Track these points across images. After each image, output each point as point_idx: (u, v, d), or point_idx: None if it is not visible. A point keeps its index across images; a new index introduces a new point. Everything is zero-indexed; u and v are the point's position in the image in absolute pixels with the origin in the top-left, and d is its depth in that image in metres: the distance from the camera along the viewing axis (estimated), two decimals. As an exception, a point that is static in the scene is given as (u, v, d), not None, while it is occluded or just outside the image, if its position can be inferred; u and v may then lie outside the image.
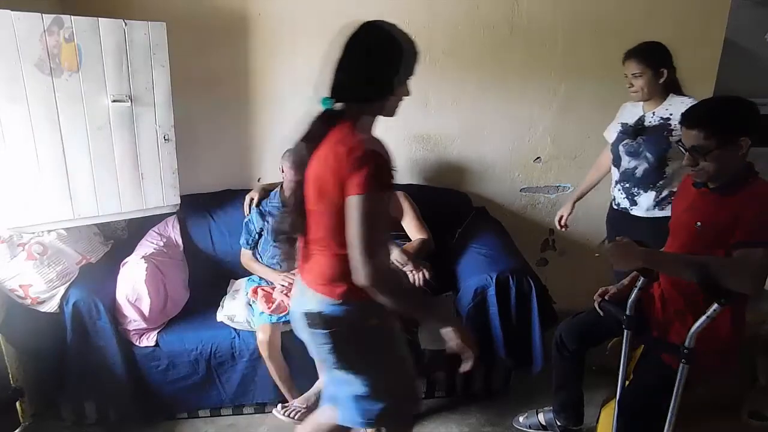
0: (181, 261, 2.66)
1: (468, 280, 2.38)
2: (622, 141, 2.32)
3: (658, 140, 2.19)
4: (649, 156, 2.22)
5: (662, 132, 2.19)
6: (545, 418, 2.26)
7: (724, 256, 1.53)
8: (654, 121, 2.23)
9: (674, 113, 2.14)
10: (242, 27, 2.69)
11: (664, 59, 2.18)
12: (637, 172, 2.27)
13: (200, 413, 2.42)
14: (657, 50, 2.18)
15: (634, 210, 2.31)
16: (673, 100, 2.20)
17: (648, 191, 2.25)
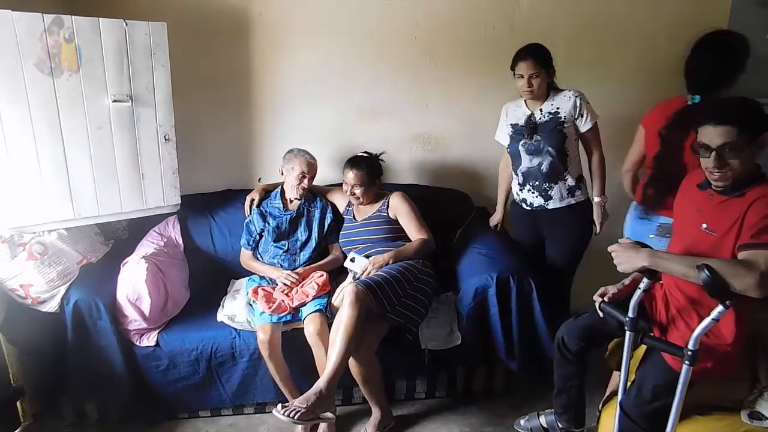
0: (182, 261, 2.66)
1: (468, 280, 2.38)
2: (520, 141, 2.42)
3: (555, 134, 2.33)
4: (551, 150, 2.34)
5: (555, 126, 2.33)
6: (546, 420, 2.26)
7: (729, 257, 1.53)
8: (545, 118, 2.36)
9: (561, 107, 2.34)
10: (243, 27, 2.70)
11: (551, 60, 2.33)
12: (542, 168, 2.38)
13: (200, 413, 2.43)
14: (546, 52, 2.32)
15: (550, 204, 2.43)
16: (556, 97, 2.37)
17: (557, 183, 2.40)
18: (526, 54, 2.29)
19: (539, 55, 2.30)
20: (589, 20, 2.80)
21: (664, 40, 2.81)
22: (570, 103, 2.33)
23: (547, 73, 2.32)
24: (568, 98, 2.34)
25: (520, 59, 2.30)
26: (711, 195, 1.63)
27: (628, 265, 1.57)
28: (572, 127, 2.36)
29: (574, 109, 2.33)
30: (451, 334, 2.37)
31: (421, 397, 2.53)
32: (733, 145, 1.50)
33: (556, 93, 2.38)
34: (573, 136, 2.38)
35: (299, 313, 2.31)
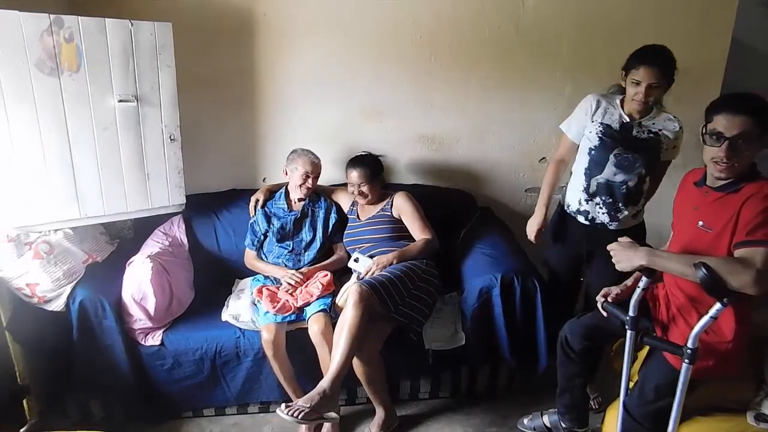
0: (187, 260, 2.67)
1: (473, 280, 2.38)
2: (614, 150, 2.13)
3: (653, 157, 2.13)
4: (643, 172, 2.14)
5: (655, 147, 2.11)
6: (550, 420, 2.26)
7: (726, 255, 1.52)
8: (643, 134, 2.12)
9: (663, 129, 2.11)
10: (247, 27, 2.70)
11: (674, 71, 2.02)
12: (625, 187, 2.15)
13: (205, 412, 2.43)
14: (675, 62, 2.01)
15: (613, 225, 2.20)
16: (659, 115, 2.13)
17: (630, 205, 2.18)
18: (655, 58, 1.96)
19: (667, 61, 1.98)
20: (594, 21, 2.80)
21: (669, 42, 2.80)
22: (673, 129, 2.11)
23: (668, 85, 2.02)
24: (673, 126, 2.11)
25: (645, 63, 1.96)
26: (707, 192, 1.63)
27: (626, 263, 1.57)
28: (663, 154, 2.15)
29: (674, 138, 2.11)
30: (455, 334, 2.37)
31: (425, 398, 2.53)
32: (748, 136, 1.49)
33: (660, 111, 2.14)
34: (658, 163, 2.20)
35: (303, 312, 2.32)
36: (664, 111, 2.15)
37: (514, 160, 3.02)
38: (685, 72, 2.24)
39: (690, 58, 2.22)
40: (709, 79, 2.83)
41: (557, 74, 2.87)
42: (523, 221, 3.10)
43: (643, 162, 2.11)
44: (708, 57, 2.84)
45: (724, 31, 2.83)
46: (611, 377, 2.11)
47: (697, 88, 2.32)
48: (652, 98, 2.03)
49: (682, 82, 2.29)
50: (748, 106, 1.50)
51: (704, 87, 2.73)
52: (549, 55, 2.84)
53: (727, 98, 1.56)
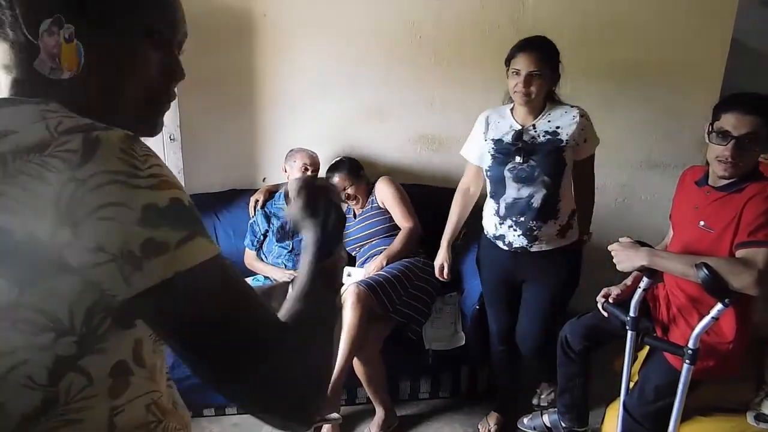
0: (187, 260, 2.66)
1: (473, 280, 2.38)
2: (507, 165, 1.91)
3: (554, 160, 1.86)
4: (547, 179, 1.87)
5: (555, 149, 1.87)
6: (550, 419, 2.26)
7: (727, 255, 1.52)
8: (540, 137, 1.88)
9: (562, 125, 1.87)
10: (247, 27, 2.70)
11: (558, 60, 1.92)
12: (534, 201, 1.89)
13: (205, 412, 2.43)
14: (554, 48, 1.92)
15: (534, 247, 1.94)
16: (553, 111, 1.90)
17: (548, 221, 1.91)
18: (529, 46, 1.88)
19: (546, 49, 1.89)
20: (595, 21, 2.80)
21: (669, 42, 2.80)
22: (574, 123, 1.88)
23: (551, 76, 1.91)
24: (571, 117, 1.88)
25: (523, 50, 1.87)
26: (708, 192, 1.62)
27: (627, 264, 1.57)
28: (572, 152, 1.90)
29: (579, 132, 1.88)
30: (455, 334, 2.37)
31: (425, 398, 2.53)
32: (755, 136, 1.48)
33: (554, 106, 1.92)
34: (571, 164, 1.93)
35: (303, 312, 2.31)
36: (561, 104, 1.93)
37: (514, 160, 3.01)
38: (686, 72, 2.24)
39: (690, 58, 2.22)
40: (709, 79, 2.83)
41: (557, 74, 2.87)
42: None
43: (543, 169, 1.86)
44: (708, 57, 2.83)
45: (724, 31, 2.83)
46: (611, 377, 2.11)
47: (697, 88, 2.32)
48: (534, 89, 1.84)
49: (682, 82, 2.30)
50: (759, 106, 1.49)
51: (704, 87, 2.73)
52: (549, 55, 2.84)
53: (738, 97, 1.55)
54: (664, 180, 2.94)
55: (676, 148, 2.85)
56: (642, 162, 2.99)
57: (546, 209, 1.89)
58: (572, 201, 1.98)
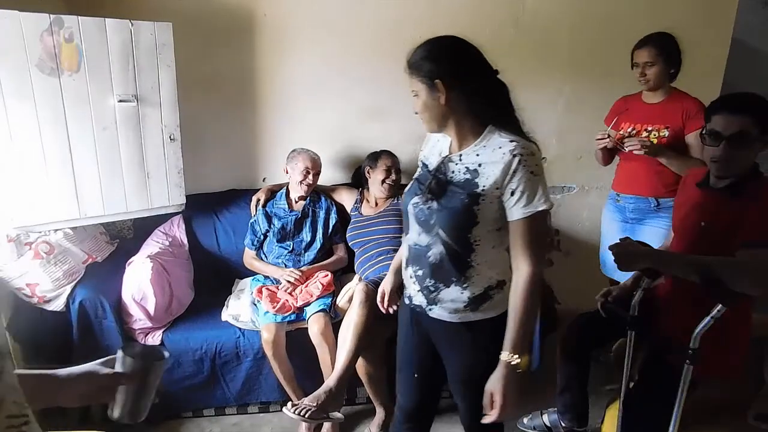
0: (187, 260, 2.67)
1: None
2: (413, 198, 1.45)
3: (459, 212, 1.35)
4: (443, 235, 1.37)
5: (465, 195, 1.34)
6: (549, 419, 2.26)
7: (729, 256, 1.52)
8: (459, 174, 1.37)
9: (485, 162, 1.33)
10: (248, 27, 2.70)
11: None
12: (430, 255, 1.41)
13: (205, 412, 2.43)
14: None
15: (433, 311, 1.46)
16: (491, 140, 1.35)
17: (448, 284, 1.42)
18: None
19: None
20: (594, 21, 2.80)
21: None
22: (502, 161, 1.30)
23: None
24: (501, 155, 1.31)
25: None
26: (710, 193, 1.62)
27: (628, 264, 1.57)
28: (494, 205, 1.33)
29: (504, 176, 1.30)
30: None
31: (424, 397, 2.52)
32: (746, 135, 1.48)
33: (492, 134, 1.35)
34: (491, 223, 1.35)
35: (303, 312, 2.32)
36: (500, 133, 1.35)
37: (514, 160, 3.01)
38: (686, 72, 2.25)
39: (690, 58, 2.23)
40: (709, 78, 2.83)
41: (557, 74, 2.87)
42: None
43: (439, 220, 1.37)
44: (708, 57, 2.83)
45: (724, 31, 2.83)
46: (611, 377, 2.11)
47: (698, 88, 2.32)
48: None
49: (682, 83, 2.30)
50: (746, 105, 1.50)
51: (705, 87, 2.73)
52: (548, 55, 2.84)
53: (726, 98, 1.57)
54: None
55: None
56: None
57: (444, 270, 1.41)
58: (502, 266, 1.42)
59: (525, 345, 1.34)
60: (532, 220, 1.31)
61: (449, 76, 1.33)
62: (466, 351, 1.48)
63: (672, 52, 2.21)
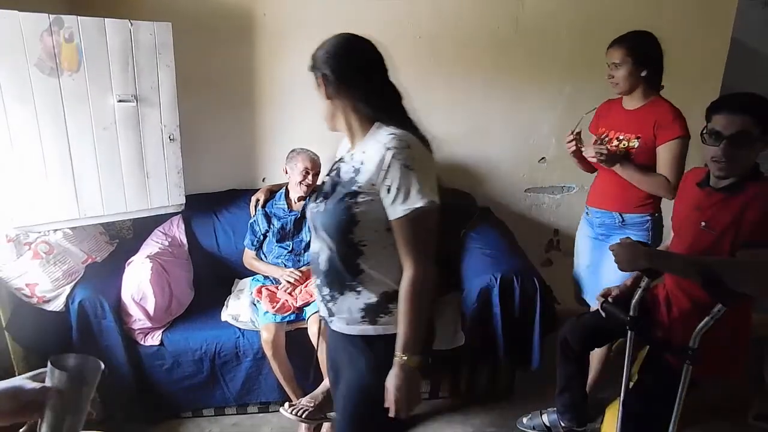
0: (186, 260, 2.67)
1: (473, 280, 2.38)
2: (310, 203, 1.42)
3: (338, 211, 1.28)
4: (326, 237, 1.32)
5: (345, 194, 1.28)
6: (549, 419, 2.26)
7: (728, 256, 1.52)
8: (348, 172, 1.32)
9: (366, 159, 1.27)
10: (247, 27, 2.70)
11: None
12: (321, 261, 1.37)
13: (204, 412, 2.43)
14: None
15: (333, 324, 1.39)
16: (377, 135, 1.30)
17: (342, 292, 1.34)
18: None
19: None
20: (594, 21, 2.80)
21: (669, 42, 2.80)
22: (377, 156, 1.24)
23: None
24: (378, 150, 1.24)
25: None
26: (709, 193, 1.62)
27: (628, 264, 1.57)
28: (376, 203, 1.25)
29: (378, 171, 1.23)
30: (455, 334, 2.37)
31: (424, 398, 2.52)
32: (746, 135, 1.48)
33: (378, 130, 1.31)
34: (375, 222, 1.27)
35: (303, 312, 2.31)
36: (385, 128, 1.29)
37: (513, 160, 3.02)
38: (685, 72, 2.25)
39: (690, 58, 2.23)
40: (708, 79, 2.83)
41: (556, 74, 2.87)
42: (522, 221, 3.11)
43: (322, 221, 1.32)
44: (708, 57, 2.84)
45: (724, 31, 2.83)
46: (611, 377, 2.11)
47: (697, 89, 2.33)
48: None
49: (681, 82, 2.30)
50: (747, 105, 1.49)
51: (704, 87, 2.73)
52: (548, 55, 2.84)
53: (727, 97, 1.57)
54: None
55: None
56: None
57: (335, 277, 1.34)
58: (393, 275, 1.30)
59: (415, 347, 1.26)
60: (411, 219, 1.21)
61: (331, 72, 1.36)
62: (359, 367, 1.37)
63: (646, 53, 2.02)
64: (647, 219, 2.11)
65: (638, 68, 2.02)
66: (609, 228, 2.19)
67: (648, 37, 2.05)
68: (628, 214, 2.13)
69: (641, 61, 2.02)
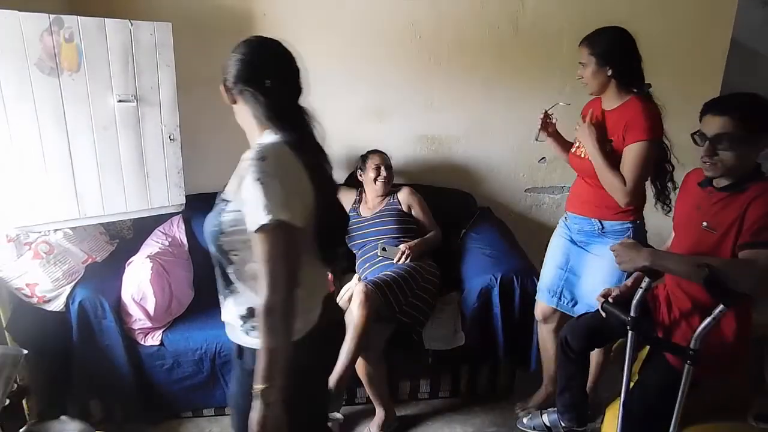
0: (186, 260, 2.66)
1: (473, 280, 2.38)
2: None
3: (214, 214, 1.32)
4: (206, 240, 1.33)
5: (222, 199, 1.34)
6: (549, 419, 2.26)
7: (730, 256, 1.52)
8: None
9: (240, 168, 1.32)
10: (247, 27, 2.70)
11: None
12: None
13: (205, 412, 2.43)
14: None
15: (226, 328, 1.39)
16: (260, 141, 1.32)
17: (226, 299, 1.35)
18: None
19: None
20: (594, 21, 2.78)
21: (669, 43, 2.80)
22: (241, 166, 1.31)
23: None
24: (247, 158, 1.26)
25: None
26: (711, 193, 1.63)
27: (629, 264, 1.57)
28: (240, 216, 1.22)
29: (239, 184, 1.25)
30: (455, 334, 2.37)
31: (424, 398, 2.53)
32: (728, 137, 1.50)
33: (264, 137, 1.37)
34: (236, 233, 1.24)
35: (303, 312, 2.31)
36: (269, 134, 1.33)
37: (513, 160, 3.02)
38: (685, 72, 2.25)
39: (690, 58, 2.23)
40: (708, 79, 2.83)
41: (556, 74, 2.87)
42: (522, 221, 3.11)
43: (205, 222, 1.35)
44: (708, 57, 2.84)
45: (724, 31, 2.83)
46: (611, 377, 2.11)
47: (697, 89, 2.33)
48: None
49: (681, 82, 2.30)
50: (731, 106, 1.51)
51: (704, 87, 2.73)
52: (548, 55, 2.84)
53: (715, 99, 1.59)
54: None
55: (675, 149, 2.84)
56: (642, 162, 2.99)
57: (220, 282, 1.35)
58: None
59: (270, 378, 1.14)
60: (258, 236, 1.14)
61: (229, 78, 1.33)
62: (234, 374, 1.37)
63: (609, 51, 1.93)
64: (628, 227, 2.03)
65: (602, 67, 1.94)
66: (588, 235, 2.13)
67: (615, 33, 1.96)
68: (607, 221, 2.05)
69: (605, 60, 1.93)
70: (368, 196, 2.70)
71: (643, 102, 1.94)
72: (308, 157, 1.28)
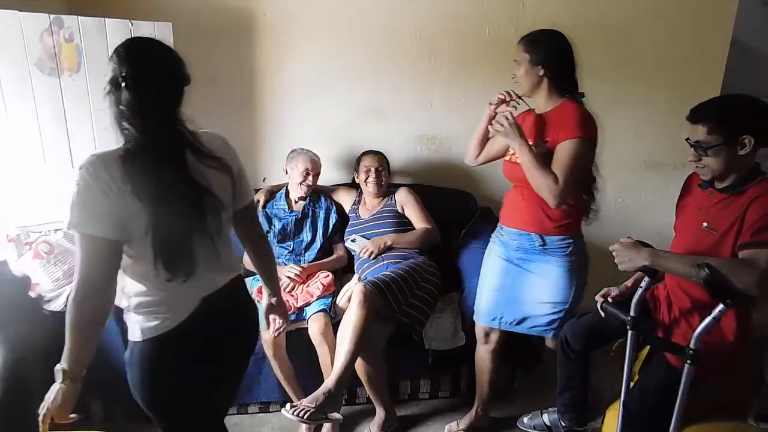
0: (187, 260, 2.66)
1: (473, 280, 2.38)
2: None
3: None
4: None
5: None
6: (550, 418, 2.26)
7: (730, 256, 1.53)
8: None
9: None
10: (248, 27, 2.70)
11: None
12: None
13: (205, 412, 2.43)
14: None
15: None
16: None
17: None
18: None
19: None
20: (593, 22, 2.80)
21: (669, 43, 2.80)
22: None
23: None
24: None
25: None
26: (711, 193, 1.63)
27: (629, 264, 1.58)
28: None
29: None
30: (456, 334, 2.37)
31: (425, 398, 2.53)
32: (704, 143, 1.54)
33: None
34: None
35: (303, 312, 2.31)
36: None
37: (514, 160, 3.02)
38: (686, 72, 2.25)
39: (690, 58, 2.22)
40: (708, 79, 2.83)
41: (557, 74, 2.87)
42: (523, 221, 3.10)
43: None
44: (708, 57, 2.84)
45: (724, 31, 2.83)
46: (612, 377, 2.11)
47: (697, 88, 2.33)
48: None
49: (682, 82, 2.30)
50: (705, 115, 1.54)
51: (704, 87, 2.73)
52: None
53: (695, 106, 1.60)
54: (664, 180, 2.94)
55: (676, 149, 2.85)
56: (642, 162, 3.00)
57: None
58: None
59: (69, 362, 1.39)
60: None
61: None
62: None
63: (543, 51, 1.84)
64: (569, 242, 1.94)
65: (535, 66, 1.86)
66: (528, 252, 1.99)
67: (551, 36, 1.87)
68: (548, 237, 1.93)
69: (538, 60, 1.85)
70: (366, 197, 2.70)
71: (578, 104, 1.89)
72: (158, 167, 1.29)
